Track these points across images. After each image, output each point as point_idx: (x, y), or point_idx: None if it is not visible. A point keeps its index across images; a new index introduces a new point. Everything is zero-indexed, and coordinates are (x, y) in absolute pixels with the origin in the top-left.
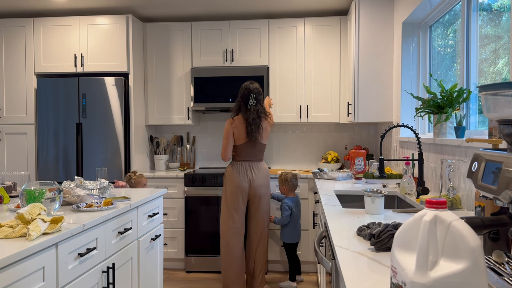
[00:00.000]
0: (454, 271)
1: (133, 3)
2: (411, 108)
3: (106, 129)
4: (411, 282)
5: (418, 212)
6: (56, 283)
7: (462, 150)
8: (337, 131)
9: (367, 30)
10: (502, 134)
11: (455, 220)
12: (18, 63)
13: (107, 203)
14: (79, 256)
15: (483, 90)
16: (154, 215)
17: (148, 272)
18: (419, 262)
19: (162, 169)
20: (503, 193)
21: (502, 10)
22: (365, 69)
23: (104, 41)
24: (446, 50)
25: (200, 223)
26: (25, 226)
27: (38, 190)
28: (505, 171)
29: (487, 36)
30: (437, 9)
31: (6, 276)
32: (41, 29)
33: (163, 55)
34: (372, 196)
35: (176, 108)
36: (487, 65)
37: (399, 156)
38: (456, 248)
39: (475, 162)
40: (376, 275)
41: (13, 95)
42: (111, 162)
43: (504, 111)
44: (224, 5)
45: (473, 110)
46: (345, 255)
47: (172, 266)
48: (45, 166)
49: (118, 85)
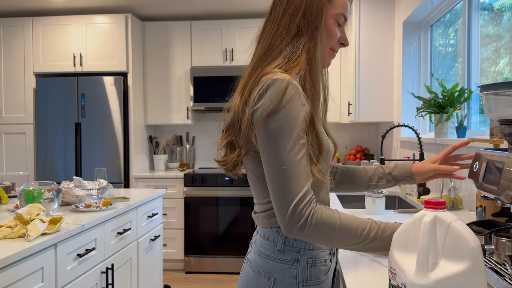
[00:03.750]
0: (454, 272)
1: (132, 2)
2: (412, 107)
3: (105, 129)
4: (411, 283)
5: (417, 213)
6: (55, 283)
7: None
8: (338, 131)
9: (367, 29)
10: (503, 134)
11: (454, 221)
12: (17, 62)
13: (106, 203)
14: (78, 257)
15: (484, 90)
16: (154, 215)
17: (148, 273)
18: (420, 263)
19: (162, 169)
20: (505, 194)
21: (503, 10)
22: (365, 69)
23: (103, 40)
24: (447, 49)
25: (199, 223)
26: (24, 227)
27: (37, 190)
28: (507, 171)
29: (488, 35)
30: (438, 8)
31: (5, 277)
32: (40, 29)
33: (162, 54)
34: (373, 197)
35: (176, 107)
36: (488, 65)
37: (400, 156)
38: (456, 248)
39: (476, 162)
40: (376, 275)
41: (11, 95)
42: (110, 162)
43: (505, 111)
44: (224, 4)
45: (474, 109)
46: (346, 256)
47: (171, 267)
48: (44, 166)
49: (117, 84)
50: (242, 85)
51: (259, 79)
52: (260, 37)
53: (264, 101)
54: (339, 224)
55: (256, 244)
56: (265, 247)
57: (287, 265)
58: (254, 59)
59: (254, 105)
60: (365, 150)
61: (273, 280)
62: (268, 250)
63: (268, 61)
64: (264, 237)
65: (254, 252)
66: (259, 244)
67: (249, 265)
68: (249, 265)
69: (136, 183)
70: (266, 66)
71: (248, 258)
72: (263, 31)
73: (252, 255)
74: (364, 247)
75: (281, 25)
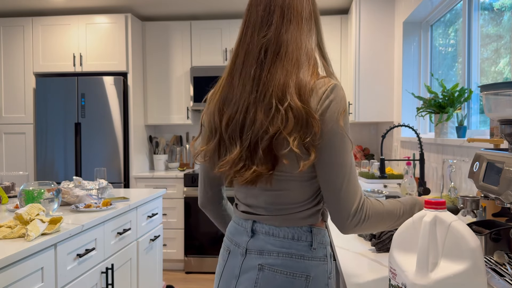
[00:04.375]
0: (455, 272)
1: (132, 2)
2: (412, 107)
3: (105, 129)
4: (412, 284)
5: (417, 213)
6: (55, 283)
7: (463, 150)
8: None
9: (368, 29)
10: (504, 134)
11: (454, 221)
12: (17, 62)
13: (106, 203)
14: (78, 257)
15: (484, 89)
16: (153, 215)
17: (147, 273)
18: (420, 263)
19: (161, 169)
20: (505, 194)
21: (504, 10)
22: (365, 69)
23: (103, 40)
24: (447, 49)
25: (199, 223)
26: (23, 227)
27: (37, 190)
28: (507, 171)
29: (489, 35)
30: (438, 8)
31: (5, 277)
32: (40, 28)
33: (162, 54)
34: (373, 197)
35: (176, 107)
36: (488, 65)
37: (400, 156)
38: (456, 248)
39: (477, 162)
40: (377, 276)
41: (11, 95)
42: (110, 162)
43: (505, 111)
44: (223, 4)
45: (474, 109)
46: (346, 256)
47: (171, 267)
48: (43, 166)
49: (117, 84)
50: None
51: (308, 87)
52: (278, 39)
53: (337, 100)
54: (386, 213)
55: (275, 247)
56: (297, 248)
57: (321, 262)
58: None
59: (326, 106)
60: (365, 150)
61: (311, 278)
62: (301, 251)
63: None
64: (294, 238)
65: (279, 256)
66: (285, 247)
67: (271, 270)
68: (272, 270)
69: (136, 183)
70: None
71: (261, 264)
72: (279, 34)
73: (274, 260)
74: (398, 224)
75: (303, 31)
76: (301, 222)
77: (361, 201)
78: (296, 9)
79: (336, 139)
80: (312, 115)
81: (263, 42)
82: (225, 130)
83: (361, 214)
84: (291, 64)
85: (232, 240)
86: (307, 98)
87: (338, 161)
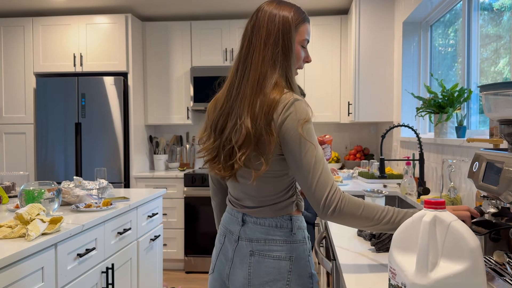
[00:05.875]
0: (454, 272)
1: (132, 2)
2: (411, 107)
3: (105, 129)
4: (411, 283)
5: (417, 213)
6: (55, 283)
7: (463, 150)
8: (338, 131)
9: (367, 29)
10: (503, 134)
11: (454, 221)
12: (17, 62)
13: (106, 203)
14: (78, 257)
15: (484, 90)
16: (154, 215)
17: (148, 273)
18: (420, 263)
19: (162, 169)
20: (504, 193)
21: (503, 10)
22: (365, 69)
23: (103, 40)
24: (447, 49)
25: (200, 223)
26: (24, 227)
27: (37, 190)
28: (506, 171)
29: (488, 35)
30: (438, 8)
31: (5, 277)
32: (40, 29)
33: (162, 54)
34: (372, 196)
35: (176, 107)
36: (488, 65)
37: (400, 156)
38: (456, 248)
39: (476, 162)
40: (376, 275)
41: (12, 95)
42: (110, 162)
43: (505, 111)
44: (224, 4)
45: (474, 109)
46: (346, 256)
47: (171, 266)
48: (44, 166)
49: (117, 84)
50: (248, 106)
51: (274, 102)
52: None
53: (296, 112)
54: (365, 206)
55: (262, 234)
56: (280, 234)
57: (301, 243)
58: (250, 84)
59: (285, 117)
60: (365, 150)
61: (293, 258)
62: (284, 236)
63: (265, 87)
64: (277, 226)
65: (266, 243)
66: (270, 234)
67: (260, 255)
68: (261, 255)
69: (136, 183)
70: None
71: (252, 251)
72: (246, 57)
73: (262, 246)
74: (379, 228)
75: (266, 56)
76: (281, 212)
77: (331, 191)
78: (261, 35)
79: (296, 145)
80: (266, 133)
81: (238, 60)
82: (214, 127)
83: (332, 202)
84: (255, 83)
85: (227, 228)
86: (270, 113)
87: (302, 164)
